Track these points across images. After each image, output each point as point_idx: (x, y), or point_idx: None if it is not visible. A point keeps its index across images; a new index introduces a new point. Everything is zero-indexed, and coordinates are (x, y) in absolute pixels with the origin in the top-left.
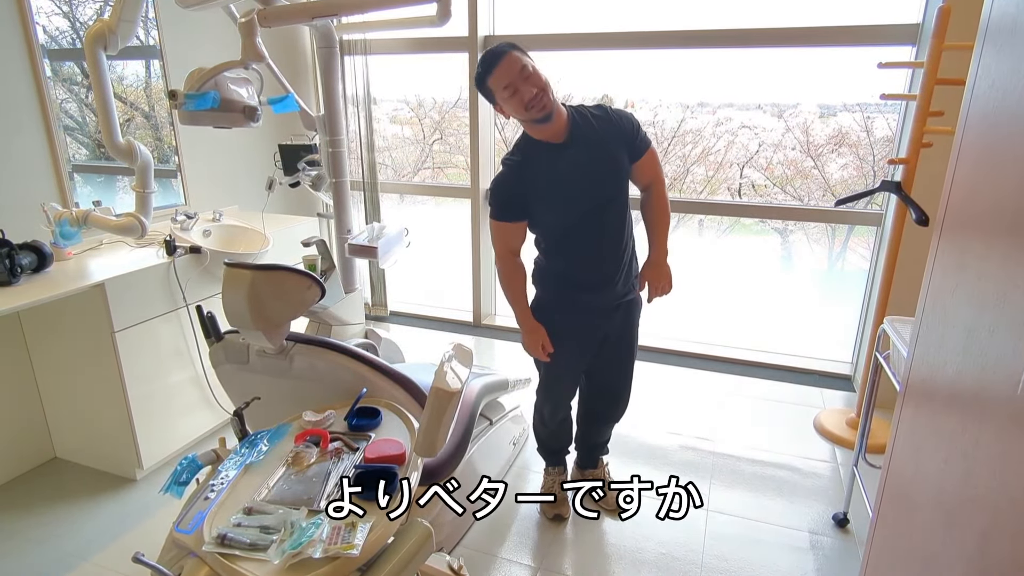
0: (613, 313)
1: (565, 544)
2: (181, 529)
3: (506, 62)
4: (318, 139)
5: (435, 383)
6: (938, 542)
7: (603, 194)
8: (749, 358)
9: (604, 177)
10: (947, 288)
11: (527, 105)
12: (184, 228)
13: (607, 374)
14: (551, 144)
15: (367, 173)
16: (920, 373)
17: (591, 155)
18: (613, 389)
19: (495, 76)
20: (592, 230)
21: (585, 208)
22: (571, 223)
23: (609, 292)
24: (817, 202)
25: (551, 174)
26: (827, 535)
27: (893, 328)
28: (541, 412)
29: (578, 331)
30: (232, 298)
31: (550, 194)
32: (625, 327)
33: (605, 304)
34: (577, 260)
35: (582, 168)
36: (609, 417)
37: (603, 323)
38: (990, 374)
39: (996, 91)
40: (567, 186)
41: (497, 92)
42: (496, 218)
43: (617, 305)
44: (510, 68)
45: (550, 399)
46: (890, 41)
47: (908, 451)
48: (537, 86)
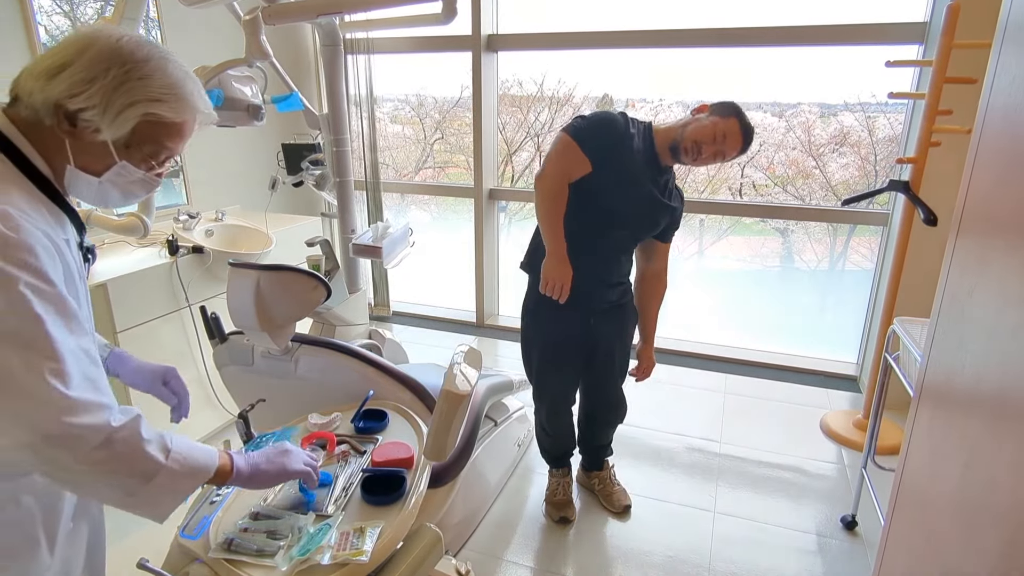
0: (606, 314)
1: (571, 547)
2: (187, 534)
3: (738, 142)
4: (322, 138)
5: (445, 386)
6: (958, 549)
7: (642, 226)
8: (753, 358)
9: (653, 218)
10: (965, 288)
11: (695, 149)
12: (187, 228)
13: (602, 383)
14: (656, 155)
15: (370, 173)
16: (936, 375)
17: (658, 197)
18: (609, 397)
19: (736, 135)
20: (614, 242)
21: (627, 220)
22: (610, 221)
23: (605, 292)
24: (819, 202)
25: (635, 166)
26: (835, 538)
27: (903, 329)
28: (540, 419)
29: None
30: (237, 299)
31: (621, 179)
32: (617, 335)
33: (599, 303)
34: (589, 257)
35: (651, 196)
36: (608, 422)
37: (596, 323)
38: (1014, 376)
39: (1017, 88)
40: (636, 191)
41: (719, 125)
42: (573, 135)
43: (609, 307)
44: (734, 145)
45: (544, 404)
46: (896, 40)
47: (924, 455)
48: (702, 163)
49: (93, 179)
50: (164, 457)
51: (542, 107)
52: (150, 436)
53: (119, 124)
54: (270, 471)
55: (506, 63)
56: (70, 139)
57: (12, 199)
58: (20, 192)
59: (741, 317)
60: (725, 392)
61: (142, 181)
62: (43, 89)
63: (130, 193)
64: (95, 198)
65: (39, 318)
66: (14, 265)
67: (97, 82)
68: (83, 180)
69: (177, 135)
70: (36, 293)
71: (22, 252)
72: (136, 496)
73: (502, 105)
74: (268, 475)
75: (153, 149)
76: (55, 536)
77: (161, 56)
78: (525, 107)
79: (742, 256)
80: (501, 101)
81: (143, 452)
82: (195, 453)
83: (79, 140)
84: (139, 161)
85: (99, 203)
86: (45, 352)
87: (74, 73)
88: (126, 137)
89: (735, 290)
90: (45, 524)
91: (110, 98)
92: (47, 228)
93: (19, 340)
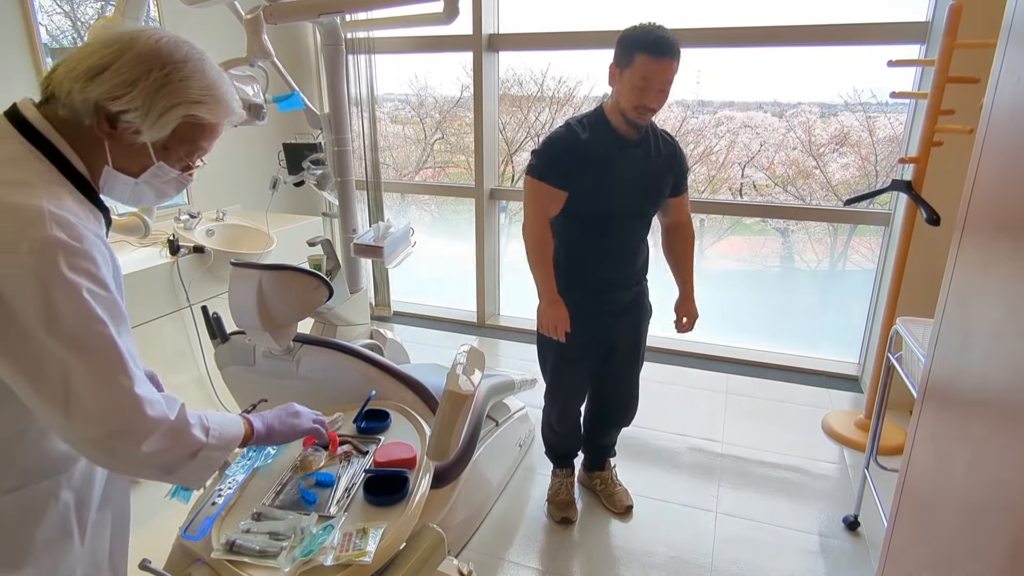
0: (623, 315)
1: (573, 547)
2: (189, 535)
3: (667, 63)
4: (323, 138)
5: (448, 386)
6: (963, 550)
7: (645, 204)
8: (755, 358)
9: (653, 190)
10: (970, 289)
11: (639, 108)
12: (187, 227)
13: (616, 382)
14: (620, 136)
15: (370, 172)
16: (940, 376)
17: (649, 165)
18: (622, 397)
19: (650, 63)
20: (622, 233)
21: (626, 209)
22: (609, 218)
23: (622, 294)
24: (819, 202)
25: (607, 160)
26: (838, 538)
27: (906, 330)
28: (549, 418)
29: (588, 330)
30: (239, 299)
31: (601, 180)
32: (633, 334)
33: (616, 304)
34: (599, 258)
35: (638, 172)
36: (618, 421)
37: (614, 324)
38: (1019, 377)
39: (1022, 88)
40: (620, 181)
41: (633, 71)
42: (537, 176)
43: (626, 308)
44: (664, 71)
45: (557, 404)
46: (898, 39)
47: (928, 455)
48: (660, 105)
49: (130, 179)
50: (205, 436)
51: (542, 107)
52: (194, 420)
53: (160, 126)
54: (283, 431)
55: (507, 63)
56: (109, 140)
57: (66, 204)
58: (69, 195)
59: (742, 317)
60: (727, 392)
61: (176, 181)
62: (83, 90)
63: (163, 193)
64: (131, 198)
65: (103, 322)
66: (79, 274)
67: (139, 84)
68: (120, 181)
69: (212, 135)
70: (97, 299)
71: (86, 262)
72: (177, 473)
73: (502, 105)
74: (281, 434)
75: (189, 149)
76: (85, 526)
77: (199, 57)
78: (525, 107)
79: (743, 256)
80: (501, 101)
81: (191, 436)
82: (227, 427)
83: (118, 141)
84: (175, 161)
85: (134, 203)
86: (111, 355)
87: (116, 75)
88: (165, 139)
89: (736, 290)
90: (78, 516)
91: (152, 100)
92: (97, 229)
93: (87, 345)
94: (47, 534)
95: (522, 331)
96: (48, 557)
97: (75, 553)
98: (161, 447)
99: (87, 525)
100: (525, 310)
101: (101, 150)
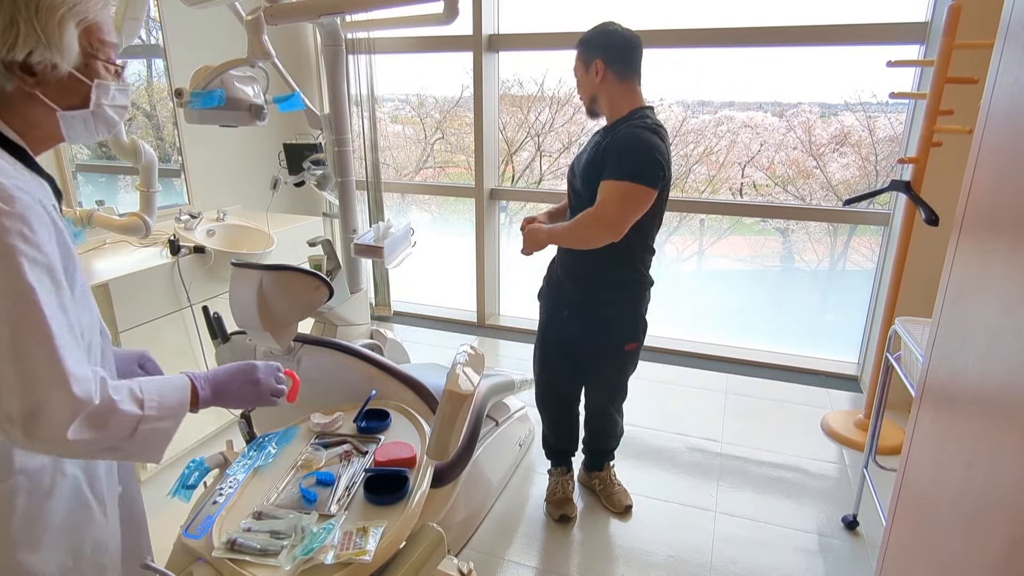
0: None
1: (572, 546)
2: (190, 534)
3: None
4: (323, 138)
5: (448, 386)
6: (960, 549)
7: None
8: (754, 358)
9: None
10: (968, 289)
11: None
12: (188, 228)
13: (586, 388)
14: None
15: (371, 172)
16: (938, 375)
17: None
18: (592, 405)
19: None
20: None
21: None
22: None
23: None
24: (819, 201)
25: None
26: (837, 537)
27: (905, 329)
28: (542, 416)
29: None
30: (240, 299)
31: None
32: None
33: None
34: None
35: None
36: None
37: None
38: (1016, 376)
39: (1020, 88)
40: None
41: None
42: (651, 184)
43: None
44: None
45: (538, 391)
46: (897, 40)
47: (926, 455)
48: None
49: (85, 112)
50: (140, 408)
51: (543, 107)
52: (120, 395)
53: (66, 47)
54: (240, 396)
55: (507, 63)
56: (41, 89)
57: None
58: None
59: (742, 317)
60: (726, 392)
61: (121, 90)
62: None
63: (119, 107)
64: (97, 130)
65: (31, 287)
66: (9, 236)
67: (18, 19)
68: (78, 119)
69: (107, 27)
70: (28, 263)
71: (18, 223)
72: (122, 450)
73: (503, 105)
74: (237, 399)
75: (103, 53)
76: (104, 499)
77: None
78: (526, 107)
79: (743, 256)
80: (502, 101)
81: (122, 414)
82: (168, 393)
83: (49, 85)
84: (104, 73)
85: (103, 133)
86: (36, 323)
87: None
88: (79, 57)
89: (736, 290)
90: (92, 488)
91: (40, 27)
92: (40, 195)
93: (12, 314)
94: (61, 510)
95: (522, 331)
96: (69, 534)
97: (100, 525)
98: (89, 436)
99: (105, 498)
100: (525, 310)
101: (40, 104)
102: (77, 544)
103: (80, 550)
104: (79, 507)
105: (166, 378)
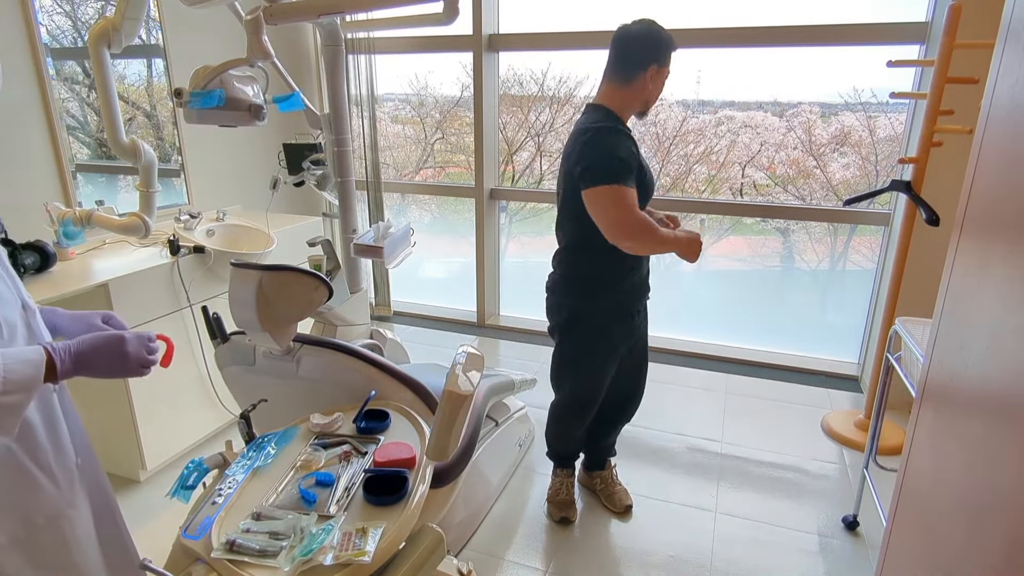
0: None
1: (572, 547)
2: (189, 535)
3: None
4: (323, 138)
5: (448, 386)
6: (961, 550)
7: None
8: (754, 358)
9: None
10: (968, 289)
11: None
12: (188, 228)
13: (629, 378)
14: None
15: (371, 172)
16: (939, 376)
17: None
18: (632, 392)
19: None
20: None
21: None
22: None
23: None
24: (819, 201)
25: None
26: (837, 538)
27: (905, 329)
28: (569, 424)
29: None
30: (239, 299)
31: (641, 178)
32: (645, 328)
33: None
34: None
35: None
36: (623, 418)
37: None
38: (1017, 377)
39: (1020, 88)
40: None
41: (667, 67)
42: (626, 183)
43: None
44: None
45: (586, 411)
46: (897, 40)
47: (926, 456)
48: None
49: None
50: None
51: (543, 107)
52: None
53: None
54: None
55: (507, 63)
56: None
57: None
58: None
59: (742, 317)
60: (726, 392)
61: None
62: None
63: None
64: None
65: None
66: None
67: None
68: None
69: None
70: None
71: None
72: None
73: (503, 105)
74: (99, 370)
75: None
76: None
77: None
78: (526, 107)
79: (743, 256)
80: (502, 101)
81: None
82: (17, 367)
83: None
84: None
85: None
86: None
87: None
88: None
89: (736, 290)
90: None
91: None
92: None
93: None
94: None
95: (522, 331)
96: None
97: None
98: None
99: (53, 468)
100: (525, 310)
101: None
102: (25, 514)
103: (30, 520)
104: (19, 476)
105: (19, 351)
